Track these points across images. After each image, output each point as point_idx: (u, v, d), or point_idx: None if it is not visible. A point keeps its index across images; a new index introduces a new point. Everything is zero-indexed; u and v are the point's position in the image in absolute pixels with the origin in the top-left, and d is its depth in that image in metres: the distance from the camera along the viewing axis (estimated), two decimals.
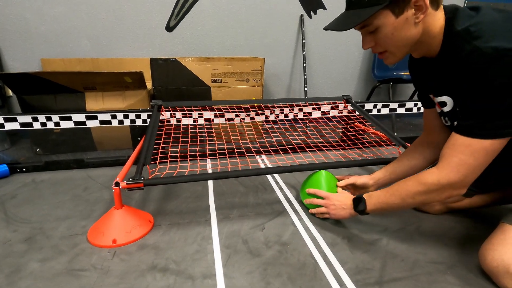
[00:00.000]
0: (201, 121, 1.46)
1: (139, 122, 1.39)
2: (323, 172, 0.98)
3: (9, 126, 1.28)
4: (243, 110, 1.50)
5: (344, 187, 0.97)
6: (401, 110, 1.62)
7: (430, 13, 0.64)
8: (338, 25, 0.68)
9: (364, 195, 0.81)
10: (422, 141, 0.91)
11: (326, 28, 0.71)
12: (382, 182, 0.95)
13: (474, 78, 0.60)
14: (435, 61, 0.71)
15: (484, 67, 0.58)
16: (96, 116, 1.34)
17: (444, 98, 0.73)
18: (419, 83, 0.85)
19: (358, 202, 0.81)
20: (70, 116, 1.31)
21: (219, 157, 1.41)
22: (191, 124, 1.45)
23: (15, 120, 1.28)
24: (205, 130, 1.58)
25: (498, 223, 0.73)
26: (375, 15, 0.63)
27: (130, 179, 0.86)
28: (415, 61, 0.81)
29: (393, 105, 1.60)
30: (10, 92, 1.74)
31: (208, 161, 1.42)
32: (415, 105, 1.61)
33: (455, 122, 0.70)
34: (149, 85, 1.57)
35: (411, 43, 0.67)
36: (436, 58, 0.70)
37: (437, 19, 0.65)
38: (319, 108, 1.56)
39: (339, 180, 1.01)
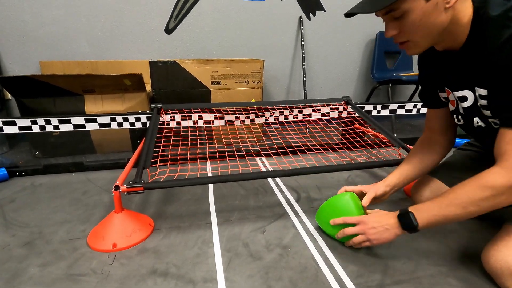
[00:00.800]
0: (201, 123, 1.46)
1: (138, 124, 1.39)
2: (347, 196, 0.82)
3: (8, 129, 1.28)
4: (243, 112, 1.50)
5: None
6: (400, 111, 1.62)
7: (460, 0, 0.61)
8: (363, 7, 0.62)
9: (410, 209, 0.69)
10: (427, 142, 0.89)
11: (348, 13, 0.66)
12: (397, 188, 0.89)
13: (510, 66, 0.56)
14: (458, 53, 0.67)
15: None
16: (96, 119, 1.33)
17: (465, 93, 0.69)
18: (432, 79, 0.80)
19: (406, 219, 0.68)
20: (70, 119, 1.31)
21: (219, 160, 1.41)
22: (191, 127, 1.44)
23: (14, 123, 1.27)
24: (205, 133, 1.58)
25: (502, 224, 0.73)
26: None
27: (130, 182, 0.85)
28: (429, 55, 0.77)
29: (393, 106, 1.60)
30: (9, 95, 1.73)
31: (208, 163, 1.42)
32: (415, 106, 1.61)
33: (486, 113, 0.65)
34: (148, 87, 1.57)
35: (438, 32, 0.63)
36: (461, 50, 0.66)
37: (466, 7, 0.62)
38: (319, 110, 1.56)
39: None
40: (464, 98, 0.70)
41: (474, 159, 0.93)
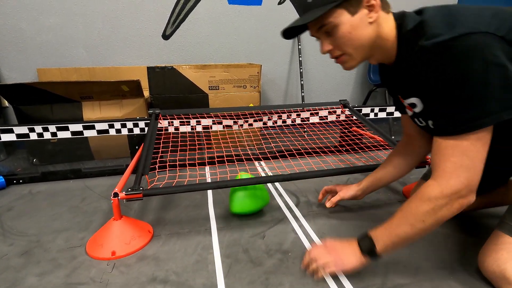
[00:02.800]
0: (199, 128, 1.46)
1: (136, 130, 1.39)
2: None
3: (5, 137, 1.27)
4: (241, 116, 1.50)
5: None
6: (398, 114, 1.62)
7: (382, 15, 0.66)
8: (296, 21, 0.67)
9: (370, 233, 0.69)
10: (403, 147, 0.92)
11: (283, 31, 0.71)
12: (370, 190, 0.97)
13: (428, 76, 0.60)
14: (394, 66, 0.71)
15: (431, 64, 0.59)
16: (94, 125, 1.33)
17: (413, 100, 0.72)
18: (389, 89, 0.85)
19: (366, 244, 0.68)
20: (67, 126, 1.30)
21: (218, 165, 1.41)
22: (189, 132, 1.44)
23: (11, 131, 1.27)
24: (203, 138, 1.58)
25: (493, 229, 0.73)
26: (331, 13, 0.63)
27: (129, 189, 0.85)
28: (382, 68, 0.82)
29: (390, 109, 1.61)
30: (6, 103, 1.73)
31: (207, 169, 1.42)
32: None
33: (430, 122, 0.68)
34: (146, 93, 1.57)
35: (368, 45, 0.67)
36: (394, 63, 0.70)
37: (389, 22, 0.67)
38: (317, 113, 1.56)
39: (327, 192, 1.02)
40: (414, 105, 0.72)
41: None
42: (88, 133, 1.33)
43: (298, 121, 1.56)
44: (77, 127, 1.31)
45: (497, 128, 0.59)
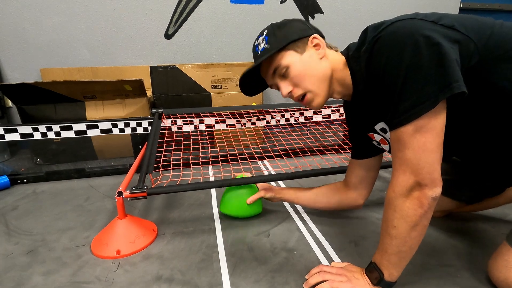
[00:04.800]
0: (202, 127, 1.46)
1: (140, 130, 1.39)
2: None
3: (10, 137, 1.27)
4: (244, 115, 1.50)
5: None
6: None
7: (330, 52, 0.69)
8: (246, 71, 0.70)
9: (373, 259, 0.64)
10: (339, 190, 0.89)
11: (241, 84, 0.75)
12: (286, 198, 0.95)
13: (372, 76, 0.60)
14: (354, 94, 0.70)
15: (369, 62, 0.59)
16: (97, 125, 1.33)
17: (381, 125, 0.70)
18: (357, 128, 0.81)
19: (375, 273, 0.62)
20: (71, 126, 1.31)
21: (221, 164, 1.40)
22: (192, 131, 1.44)
23: (15, 131, 1.27)
24: (207, 137, 1.57)
25: (504, 240, 0.69)
26: (280, 56, 0.66)
27: (133, 188, 0.85)
28: (346, 108, 0.83)
29: None
30: (10, 103, 1.73)
31: (210, 167, 1.42)
32: None
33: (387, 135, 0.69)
34: (149, 92, 1.57)
35: (326, 78, 0.67)
36: (353, 92, 0.70)
37: (338, 56, 0.69)
38: (320, 112, 1.56)
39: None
40: (384, 130, 0.71)
41: (459, 162, 0.88)
42: (91, 133, 1.33)
43: (301, 119, 1.55)
44: (81, 126, 1.32)
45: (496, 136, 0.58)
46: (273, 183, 1.15)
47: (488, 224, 0.92)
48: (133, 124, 1.37)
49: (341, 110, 1.56)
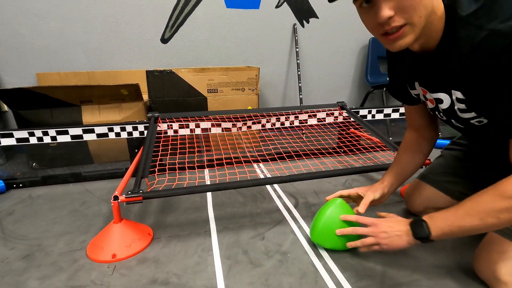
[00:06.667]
0: (198, 131, 1.47)
1: (136, 134, 1.40)
2: (337, 201, 0.82)
3: (5, 141, 1.28)
4: (240, 119, 1.51)
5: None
6: (395, 115, 1.64)
7: None
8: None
9: (425, 217, 0.65)
10: (414, 138, 0.87)
11: None
12: (396, 187, 0.88)
13: (498, 65, 0.52)
14: (433, 55, 0.62)
15: (507, 50, 0.50)
16: (93, 129, 1.34)
17: (441, 95, 0.66)
18: (401, 75, 0.76)
19: (418, 227, 0.65)
20: (67, 130, 1.31)
21: (217, 167, 1.42)
22: (188, 135, 1.45)
23: (11, 135, 1.28)
24: (203, 140, 1.59)
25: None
26: None
27: (129, 192, 0.86)
28: (401, 54, 0.71)
29: (387, 111, 1.62)
30: (6, 107, 1.73)
31: (206, 171, 1.43)
32: None
33: (477, 120, 0.63)
34: (145, 96, 1.58)
35: (428, 17, 0.55)
36: (435, 52, 0.61)
37: (440, 1, 0.57)
38: (315, 115, 1.58)
39: (352, 199, 0.89)
40: (440, 101, 0.68)
41: (462, 160, 0.91)
42: (87, 137, 1.34)
43: (296, 123, 1.57)
44: (77, 131, 1.32)
45: None
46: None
47: None
48: (129, 128, 1.38)
49: (336, 113, 1.58)
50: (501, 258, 0.65)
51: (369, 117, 1.60)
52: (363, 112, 1.58)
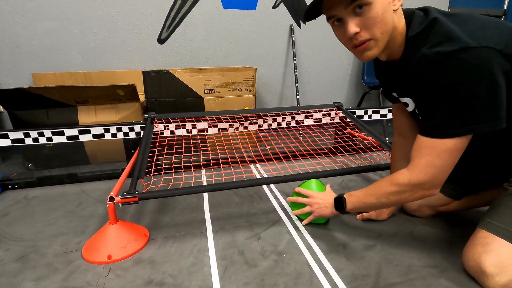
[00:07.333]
0: (194, 132, 1.47)
1: (132, 134, 1.39)
2: (313, 182, 0.99)
3: (1, 142, 1.27)
4: (236, 119, 1.51)
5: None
6: (391, 116, 1.64)
7: (399, 9, 0.66)
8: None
9: (345, 195, 0.84)
10: (400, 143, 0.95)
11: (308, 10, 0.71)
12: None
13: (424, 82, 0.65)
14: (397, 65, 0.73)
15: (430, 71, 0.63)
16: (89, 130, 1.33)
17: (406, 99, 0.78)
18: (385, 84, 0.89)
19: (339, 202, 0.85)
20: (63, 131, 1.31)
21: (213, 168, 1.42)
22: (184, 135, 1.45)
23: (6, 136, 1.27)
24: (199, 141, 1.59)
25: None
26: None
27: (125, 193, 0.86)
28: (377, 62, 0.84)
29: (384, 111, 1.63)
30: (1, 108, 1.72)
31: (203, 171, 1.43)
32: None
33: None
34: (141, 97, 1.58)
35: (390, 33, 0.66)
36: (399, 62, 0.72)
37: (402, 19, 0.68)
38: (311, 116, 1.58)
39: None
40: (406, 104, 0.79)
41: None
42: (83, 138, 1.34)
43: (293, 123, 1.57)
44: (73, 131, 1.32)
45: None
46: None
47: (472, 226, 0.95)
48: (125, 129, 1.38)
49: (332, 114, 1.58)
50: (485, 251, 0.68)
51: (366, 118, 1.61)
52: (359, 112, 1.59)
